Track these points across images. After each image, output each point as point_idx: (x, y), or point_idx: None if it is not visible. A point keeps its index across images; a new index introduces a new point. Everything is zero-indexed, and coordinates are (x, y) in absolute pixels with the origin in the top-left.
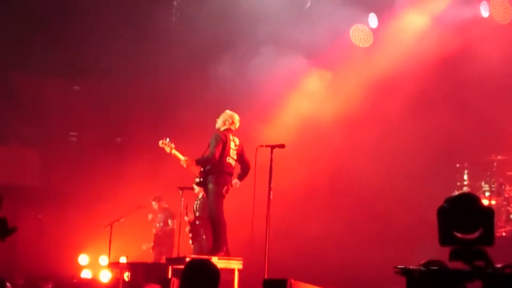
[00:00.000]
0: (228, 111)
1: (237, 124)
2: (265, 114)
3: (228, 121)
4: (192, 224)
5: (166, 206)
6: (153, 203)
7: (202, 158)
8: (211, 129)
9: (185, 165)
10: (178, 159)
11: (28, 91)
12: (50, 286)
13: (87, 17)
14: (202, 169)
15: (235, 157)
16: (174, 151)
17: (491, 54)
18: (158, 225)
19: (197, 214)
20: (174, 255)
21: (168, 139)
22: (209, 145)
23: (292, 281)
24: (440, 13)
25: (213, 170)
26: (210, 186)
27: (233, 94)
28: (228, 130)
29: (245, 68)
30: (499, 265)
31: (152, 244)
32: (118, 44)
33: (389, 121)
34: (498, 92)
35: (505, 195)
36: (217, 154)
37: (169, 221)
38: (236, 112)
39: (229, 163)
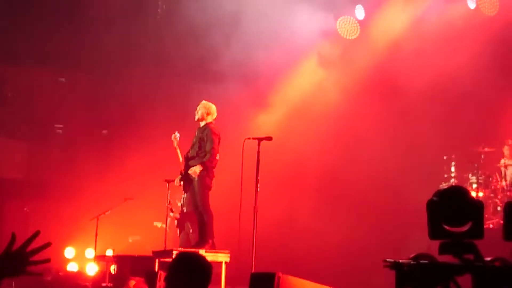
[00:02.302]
0: (205, 102)
1: (215, 115)
2: (254, 105)
3: (209, 112)
4: (179, 219)
5: None
6: None
7: (208, 161)
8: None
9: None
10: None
11: (13, 83)
12: (49, 278)
13: (73, 9)
14: (186, 163)
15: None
16: (177, 148)
17: (478, 44)
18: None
19: (184, 209)
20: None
21: (178, 135)
22: (202, 140)
23: (280, 274)
24: (427, 6)
25: (203, 165)
26: (198, 179)
27: (225, 84)
28: (212, 122)
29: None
30: (488, 258)
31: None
32: (105, 36)
33: (377, 114)
34: (486, 83)
35: (492, 187)
36: (217, 151)
37: None
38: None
39: (217, 159)
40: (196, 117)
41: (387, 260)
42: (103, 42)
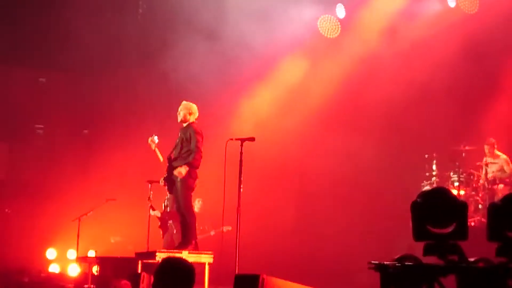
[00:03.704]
0: (186, 102)
1: (197, 114)
2: (235, 106)
3: (192, 112)
4: (162, 219)
5: None
6: None
7: (194, 159)
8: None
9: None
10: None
11: None
12: (26, 280)
13: (53, 9)
14: (169, 164)
15: None
16: (156, 150)
17: (459, 42)
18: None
19: (168, 209)
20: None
21: (156, 137)
22: (186, 140)
23: (265, 276)
24: (406, 4)
25: (188, 165)
26: (181, 180)
27: (204, 85)
28: (195, 122)
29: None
30: (472, 259)
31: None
32: (86, 36)
33: (358, 112)
34: (466, 82)
35: (474, 185)
36: (201, 149)
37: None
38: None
39: (200, 157)
40: (179, 119)
41: (372, 262)
42: (83, 42)
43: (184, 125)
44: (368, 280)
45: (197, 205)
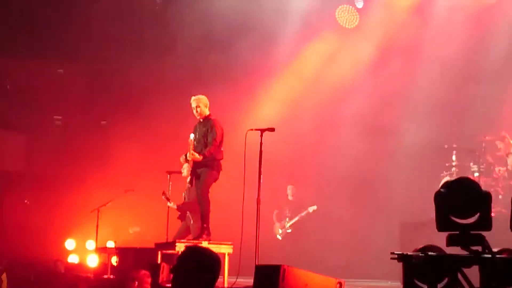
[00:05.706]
0: (196, 97)
1: (208, 104)
2: (251, 97)
3: (206, 104)
4: (180, 210)
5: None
6: None
7: (208, 152)
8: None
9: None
10: (188, 151)
11: (11, 74)
12: (63, 270)
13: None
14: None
15: None
16: (191, 148)
17: (478, 31)
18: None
19: (187, 200)
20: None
21: (192, 135)
22: (208, 132)
23: (286, 267)
24: None
25: (211, 157)
26: (206, 170)
27: (222, 75)
28: (211, 114)
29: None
30: (495, 250)
31: None
32: (103, 27)
33: (377, 101)
34: (485, 73)
35: (494, 175)
36: (219, 144)
37: None
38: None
39: (222, 151)
40: (198, 116)
41: (395, 252)
42: (101, 33)
43: (202, 119)
44: (387, 270)
45: (289, 192)
